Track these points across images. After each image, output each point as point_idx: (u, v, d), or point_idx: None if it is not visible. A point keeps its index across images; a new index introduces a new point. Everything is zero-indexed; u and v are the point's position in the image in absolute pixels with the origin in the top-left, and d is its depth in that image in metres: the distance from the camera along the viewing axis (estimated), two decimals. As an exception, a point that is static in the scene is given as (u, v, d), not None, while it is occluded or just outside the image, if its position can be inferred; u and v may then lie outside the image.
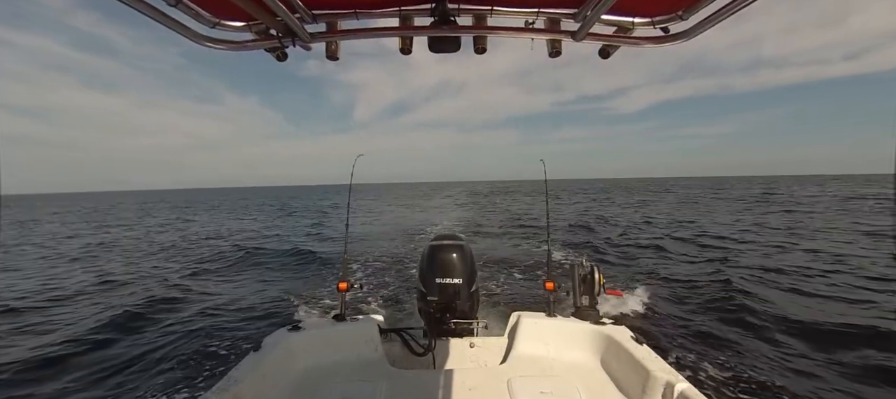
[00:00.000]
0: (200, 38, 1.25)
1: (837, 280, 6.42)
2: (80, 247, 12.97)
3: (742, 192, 37.06)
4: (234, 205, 37.89)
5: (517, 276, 6.92)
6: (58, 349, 4.47)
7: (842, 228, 12.08)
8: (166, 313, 5.62)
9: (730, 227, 13.11)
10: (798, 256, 8.28)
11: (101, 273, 8.44)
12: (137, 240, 14.34)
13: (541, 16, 1.33)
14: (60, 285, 7.49)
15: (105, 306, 6.07)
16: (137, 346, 4.56)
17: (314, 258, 9.45)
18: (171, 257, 10.40)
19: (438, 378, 2.08)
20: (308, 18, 1.31)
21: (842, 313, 4.99)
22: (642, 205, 24.79)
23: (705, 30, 1.20)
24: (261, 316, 5.45)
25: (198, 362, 4.11)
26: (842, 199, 24.96)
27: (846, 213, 16.44)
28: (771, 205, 21.75)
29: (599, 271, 2.51)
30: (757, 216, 16.24)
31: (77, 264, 9.77)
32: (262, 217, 22.64)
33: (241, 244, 12.03)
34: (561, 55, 1.38)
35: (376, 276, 7.23)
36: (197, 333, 4.82)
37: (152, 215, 27.08)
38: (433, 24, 1.31)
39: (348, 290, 2.56)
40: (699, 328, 4.66)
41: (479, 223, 15.81)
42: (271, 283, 7.24)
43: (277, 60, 1.42)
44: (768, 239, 10.45)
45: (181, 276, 7.89)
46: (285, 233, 15.38)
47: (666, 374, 1.79)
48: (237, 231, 16.26)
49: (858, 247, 9.09)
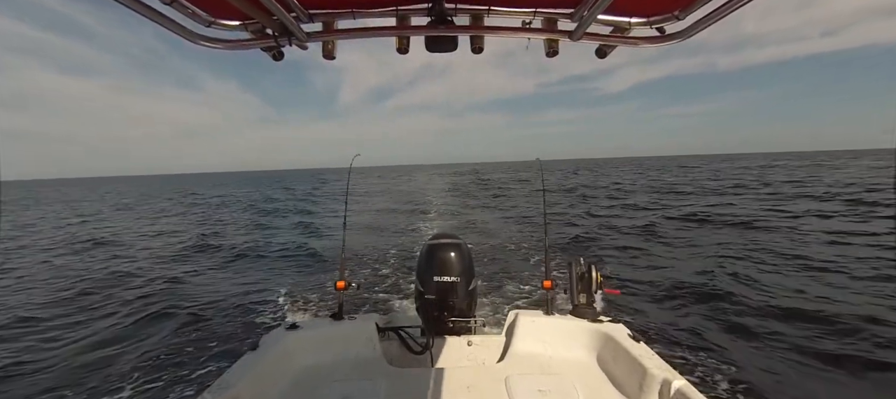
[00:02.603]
0: (196, 37, 1.25)
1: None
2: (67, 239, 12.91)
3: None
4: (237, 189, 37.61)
5: (515, 274, 6.94)
6: (53, 351, 4.46)
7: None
8: (163, 311, 5.60)
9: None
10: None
11: (82, 269, 8.40)
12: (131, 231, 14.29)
13: (538, 16, 1.33)
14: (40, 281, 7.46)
15: (97, 305, 6.04)
16: (133, 346, 4.54)
17: (311, 252, 9.47)
18: (170, 250, 10.37)
19: (436, 376, 2.09)
20: (304, 18, 1.30)
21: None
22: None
23: (701, 30, 1.20)
24: (257, 315, 5.45)
25: (195, 362, 4.10)
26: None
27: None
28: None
29: (597, 269, 2.52)
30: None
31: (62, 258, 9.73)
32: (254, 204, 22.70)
33: (235, 237, 12.12)
34: (558, 55, 1.38)
35: (374, 275, 7.23)
36: (194, 333, 4.81)
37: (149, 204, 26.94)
38: (430, 24, 1.31)
39: (346, 288, 2.56)
40: (695, 324, 4.69)
41: (467, 201, 17.03)
42: (268, 281, 7.23)
43: (273, 60, 1.42)
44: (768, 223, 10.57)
45: (176, 272, 7.86)
46: (281, 222, 15.66)
47: (663, 371, 1.80)
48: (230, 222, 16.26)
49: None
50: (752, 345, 4.21)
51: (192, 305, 5.85)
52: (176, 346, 4.45)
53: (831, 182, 21.96)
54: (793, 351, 4.03)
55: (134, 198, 34.79)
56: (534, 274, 6.77)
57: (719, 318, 4.87)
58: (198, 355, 4.23)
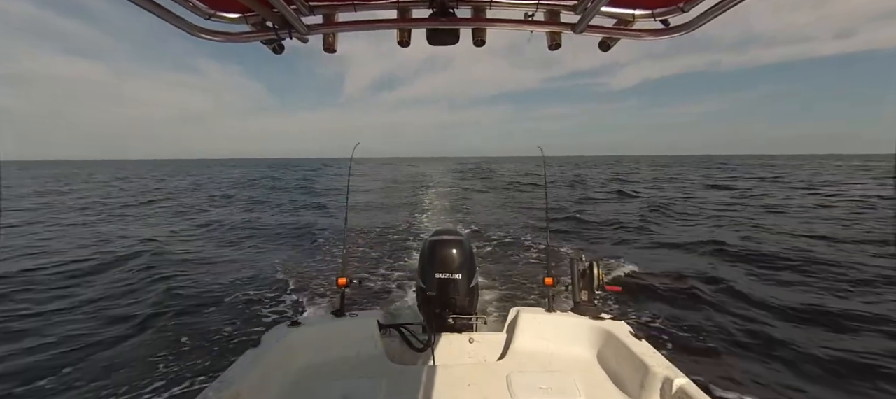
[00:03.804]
0: (196, 29, 1.24)
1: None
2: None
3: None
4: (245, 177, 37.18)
5: (516, 271, 6.92)
6: (49, 348, 4.47)
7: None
8: (161, 305, 5.60)
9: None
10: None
11: (80, 258, 8.40)
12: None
13: (540, 8, 1.31)
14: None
15: (95, 297, 6.05)
16: (134, 343, 4.55)
17: (312, 248, 9.47)
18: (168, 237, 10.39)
19: (438, 373, 2.09)
20: (305, 10, 1.29)
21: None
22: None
23: (706, 22, 1.19)
24: (259, 312, 5.45)
25: (196, 359, 4.10)
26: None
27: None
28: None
29: (599, 267, 2.51)
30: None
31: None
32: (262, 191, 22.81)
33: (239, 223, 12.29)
34: (561, 47, 1.37)
35: (376, 271, 7.23)
36: (194, 330, 4.82)
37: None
38: (432, 17, 1.30)
39: (347, 285, 2.56)
40: (698, 322, 4.67)
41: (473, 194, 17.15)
42: (269, 279, 7.22)
43: (274, 53, 1.41)
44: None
45: (177, 266, 7.85)
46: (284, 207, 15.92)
47: (665, 369, 1.79)
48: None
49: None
50: (757, 344, 4.19)
51: (191, 303, 5.85)
52: (176, 343, 4.46)
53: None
54: (800, 351, 4.00)
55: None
56: (535, 271, 6.76)
57: (725, 316, 4.86)
58: (199, 352, 4.23)
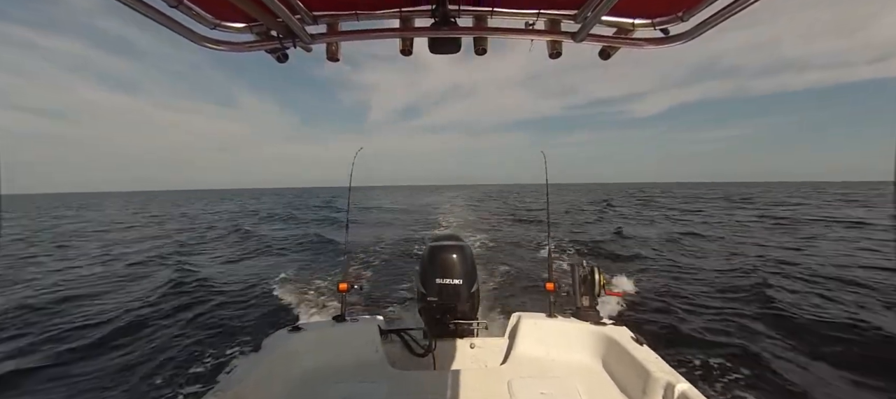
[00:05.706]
0: (201, 39, 1.25)
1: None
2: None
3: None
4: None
5: (518, 276, 6.91)
6: (51, 350, 4.47)
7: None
8: (165, 313, 5.61)
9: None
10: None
11: (95, 275, 8.43)
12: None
13: (541, 17, 1.33)
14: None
15: (103, 308, 6.06)
16: (135, 348, 4.55)
17: (314, 254, 9.49)
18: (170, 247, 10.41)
19: (439, 379, 2.09)
20: (309, 20, 1.31)
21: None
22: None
23: (705, 31, 1.20)
24: (260, 316, 5.45)
25: (196, 363, 4.10)
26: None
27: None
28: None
29: (600, 272, 2.51)
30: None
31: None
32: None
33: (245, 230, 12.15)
34: (561, 56, 1.38)
35: (377, 277, 7.23)
36: (195, 334, 4.81)
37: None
38: (434, 26, 1.32)
39: (348, 290, 2.56)
40: (701, 327, 4.66)
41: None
42: (271, 283, 7.23)
43: (278, 62, 1.42)
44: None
45: (179, 274, 7.88)
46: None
47: (666, 374, 1.79)
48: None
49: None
50: (762, 349, 4.17)
51: (193, 306, 5.86)
52: (177, 347, 4.45)
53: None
54: (803, 357, 3.99)
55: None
56: (536, 276, 6.75)
57: (729, 321, 4.84)
58: (199, 357, 4.23)
